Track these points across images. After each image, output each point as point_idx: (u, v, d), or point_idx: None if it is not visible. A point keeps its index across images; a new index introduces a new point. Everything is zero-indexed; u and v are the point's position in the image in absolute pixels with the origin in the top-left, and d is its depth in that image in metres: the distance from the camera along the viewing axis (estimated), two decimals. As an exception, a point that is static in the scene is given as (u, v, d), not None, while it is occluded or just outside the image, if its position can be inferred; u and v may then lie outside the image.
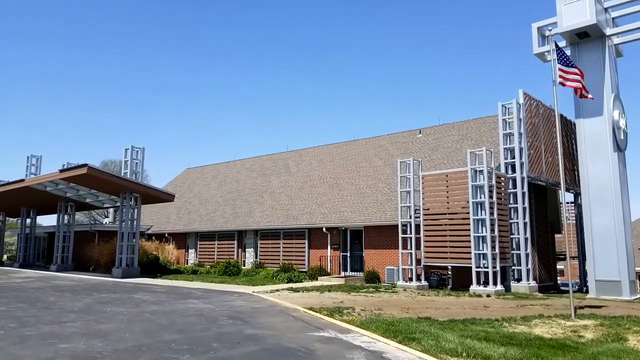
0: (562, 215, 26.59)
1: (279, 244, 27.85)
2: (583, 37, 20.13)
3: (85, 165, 22.30)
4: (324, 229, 25.35)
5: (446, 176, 20.47)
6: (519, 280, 19.63)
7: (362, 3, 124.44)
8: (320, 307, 12.78)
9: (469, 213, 18.93)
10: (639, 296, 19.42)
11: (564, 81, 12.27)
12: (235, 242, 30.16)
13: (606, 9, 20.32)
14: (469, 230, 18.86)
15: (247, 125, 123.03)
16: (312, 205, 27.60)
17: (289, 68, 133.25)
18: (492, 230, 18.53)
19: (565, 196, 13.85)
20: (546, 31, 21.60)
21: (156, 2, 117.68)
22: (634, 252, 21.45)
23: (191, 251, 33.05)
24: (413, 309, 13.16)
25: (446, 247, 19.79)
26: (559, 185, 23.67)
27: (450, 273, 20.66)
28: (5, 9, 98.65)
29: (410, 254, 20.30)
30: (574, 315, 11.91)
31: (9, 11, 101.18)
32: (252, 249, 29.29)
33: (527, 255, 19.59)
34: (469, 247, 18.78)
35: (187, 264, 32.44)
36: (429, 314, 12.09)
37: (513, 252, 19.92)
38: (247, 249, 29.70)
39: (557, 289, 24.07)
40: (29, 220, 34.76)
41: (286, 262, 26.38)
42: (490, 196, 18.75)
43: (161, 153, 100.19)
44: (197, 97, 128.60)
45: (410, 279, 20.24)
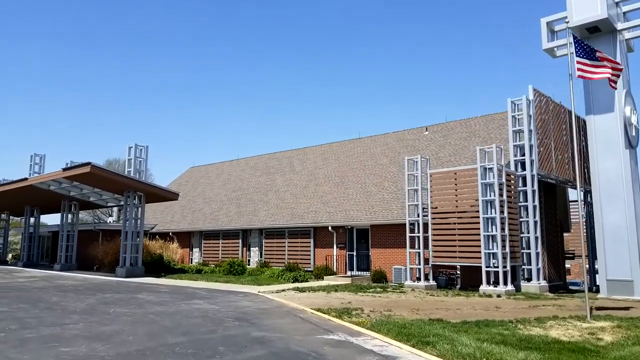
0: (569, 214, 26.19)
1: (284, 243, 27.58)
2: (593, 31, 19.72)
3: (89, 163, 22.10)
4: (329, 228, 25.05)
5: (455, 174, 20.14)
6: (529, 279, 19.28)
7: (362, 3, 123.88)
8: (328, 308, 12.50)
9: (478, 211, 18.60)
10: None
11: (583, 74, 11.88)
12: (240, 241, 29.91)
13: (617, 3, 19.89)
14: (478, 229, 18.52)
15: (248, 125, 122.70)
16: (318, 203, 27.30)
17: (289, 68, 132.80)
18: (502, 229, 18.19)
19: (577, 194, 13.48)
20: (555, 26, 21.24)
21: (156, 2, 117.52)
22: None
23: (195, 250, 32.85)
24: (423, 310, 12.86)
25: (455, 246, 19.46)
26: (569, 183, 23.38)
27: (458, 272, 20.32)
28: (5, 9, 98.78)
29: (418, 253, 19.97)
30: (590, 316, 11.57)
31: (9, 11, 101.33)
32: (257, 248, 29.04)
33: (537, 255, 19.23)
34: (479, 246, 18.44)
35: (191, 263, 32.26)
36: (440, 315, 11.79)
37: (523, 251, 19.57)
38: (251, 248, 29.46)
39: (566, 288, 23.69)
40: (32, 219, 34.73)
41: (291, 261, 26.08)
42: (500, 194, 18.41)
43: (162, 153, 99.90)
44: (197, 97, 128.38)
45: (418, 279, 19.92)
